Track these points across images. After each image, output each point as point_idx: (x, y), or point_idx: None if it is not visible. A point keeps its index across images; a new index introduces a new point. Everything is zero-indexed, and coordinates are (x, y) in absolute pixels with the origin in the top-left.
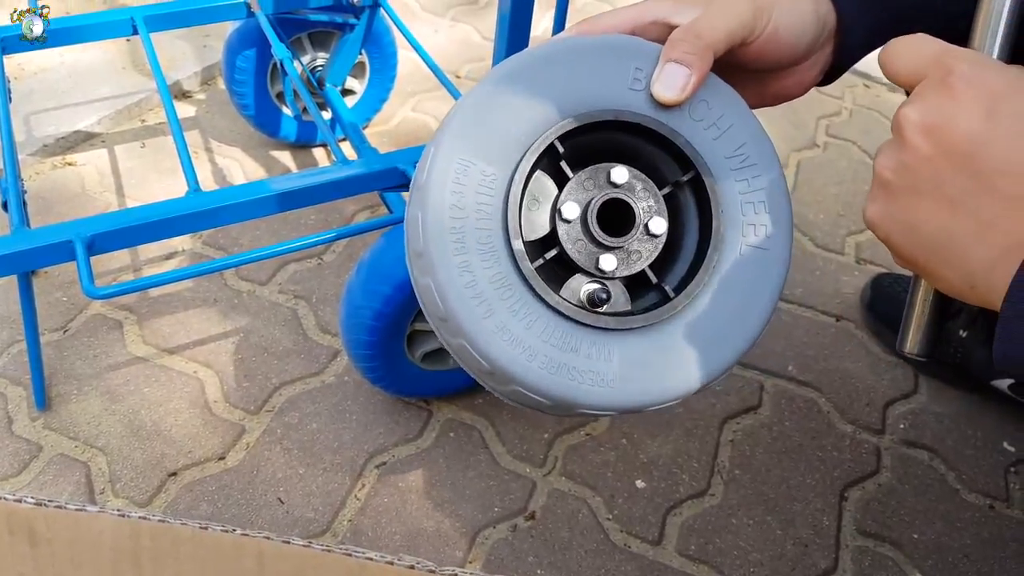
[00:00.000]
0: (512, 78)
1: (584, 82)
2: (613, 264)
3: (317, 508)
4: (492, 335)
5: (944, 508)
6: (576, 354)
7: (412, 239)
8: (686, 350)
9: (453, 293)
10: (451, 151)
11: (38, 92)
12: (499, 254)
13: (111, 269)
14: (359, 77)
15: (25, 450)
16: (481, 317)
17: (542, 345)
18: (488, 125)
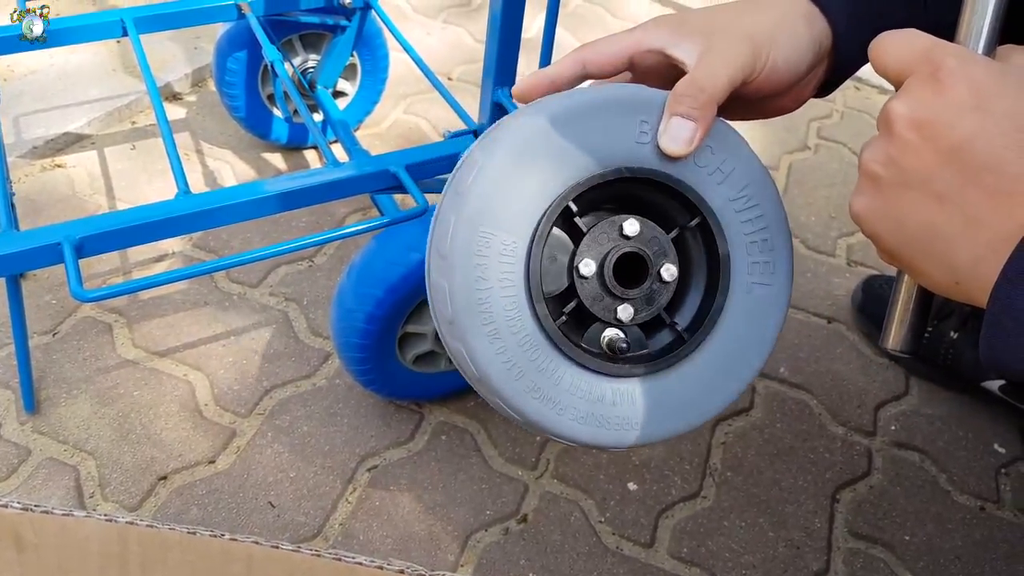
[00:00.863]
0: (525, 145)
1: (593, 141)
2: (630, 313)
3: (308, 512)
4: (524, 395)
5: (935, 510)
6: (602, 403)
7: (440, 306)
8: (701, 385)
9: (485, 359)
10: (473, 223)
11: (27, 94)
12: (524, 318)
13: (100, 272)
14: (350, 79)
15: (14, 454)
16: (513, 379)
17: (570, 399)
18: (506, 194)
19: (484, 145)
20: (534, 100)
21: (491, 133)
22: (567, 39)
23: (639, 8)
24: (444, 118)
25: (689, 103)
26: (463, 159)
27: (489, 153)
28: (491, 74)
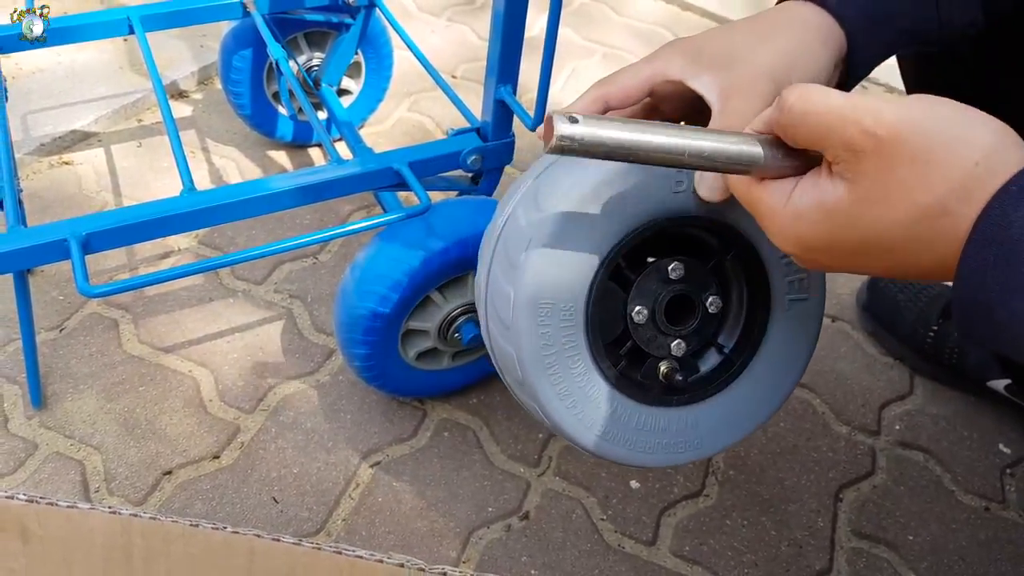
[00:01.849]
0: (572, 214)
1: (634, 199)
2: (683, 348)
3: (311, 507)
4: (600, 441)
5: (939, 509)
6: (667, 432)
7: (509, 369)
8: (751, 400)
9: (558, 415)
10: (533, 297)
11: (35, 92)
12: (590, 373)
13: (107, 268)
14: (355, 77)
15: (21, 448)
16: (587, 429)
17: (638, 435)
18: (560, 264)
19: (530, 213)
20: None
21: (536, 196)
22: (572, 37)
23: (642, 7)
24: (448, 116)
25: None
26: (506, 218)
27: (538, 225)
28: (494, 72)
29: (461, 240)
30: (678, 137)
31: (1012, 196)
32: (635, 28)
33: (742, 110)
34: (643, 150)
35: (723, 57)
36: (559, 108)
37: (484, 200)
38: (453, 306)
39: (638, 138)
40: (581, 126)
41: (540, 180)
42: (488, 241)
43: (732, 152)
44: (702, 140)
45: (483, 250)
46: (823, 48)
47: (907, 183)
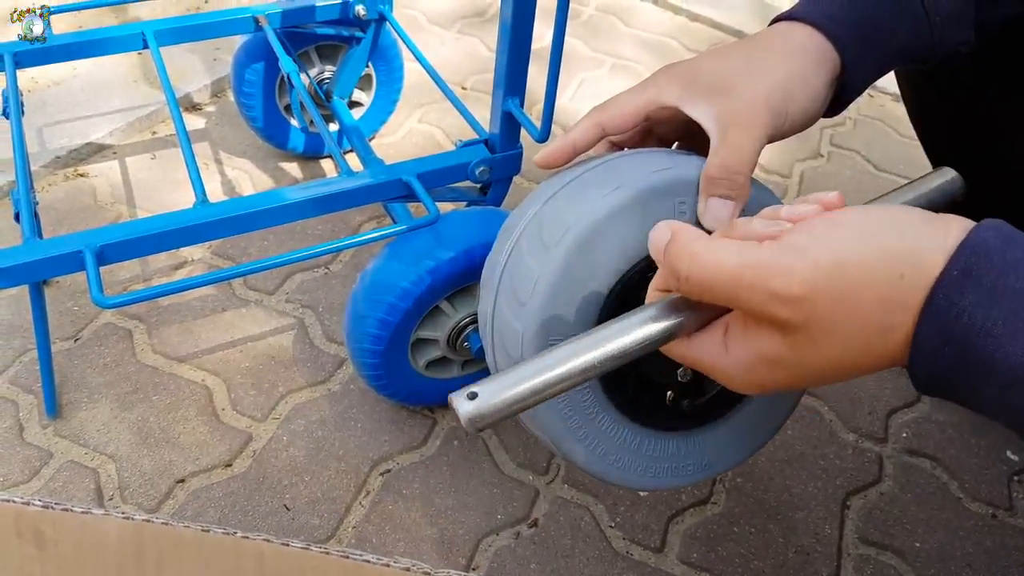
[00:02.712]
0: (577, 251)
1: (637, 232)
2: (688, 374)
3: (322, 515)
4: (611, 469)
5: (947, 517)
6: (676, 456)
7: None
8: (758, 418)
9: (570, 447)
10: (541, 334)
11: (51, 104)
12: (600, 403)
13: (121, 279)
14: (366, 89)
15: (36, 457)
16: (598, 459)
17: (649, 461)
18: (567, 300)
19: (535, 249)
20: (559, 167)
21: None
22: (581, 48)
23: (651, 18)
24: (458, 127)
25: (726, 186)
26: (509, 251)
27: (544, 263)
28: (502, 84)
29: (470, 250)
30: (585, 355)
31: (954, 283)
32: (643, 39)
33: (741, 142)
34: (550, 389)
35: (719, 84)
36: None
37: (492, 211)
38: (462, 316)
39: (545, 379)
40: (480, 401)
41: (543, 213)
42: (492, 272)
43: (643, 337)
44: (609, 344)
45: (486, 280)
46: (817, 72)
47: (840, 321)
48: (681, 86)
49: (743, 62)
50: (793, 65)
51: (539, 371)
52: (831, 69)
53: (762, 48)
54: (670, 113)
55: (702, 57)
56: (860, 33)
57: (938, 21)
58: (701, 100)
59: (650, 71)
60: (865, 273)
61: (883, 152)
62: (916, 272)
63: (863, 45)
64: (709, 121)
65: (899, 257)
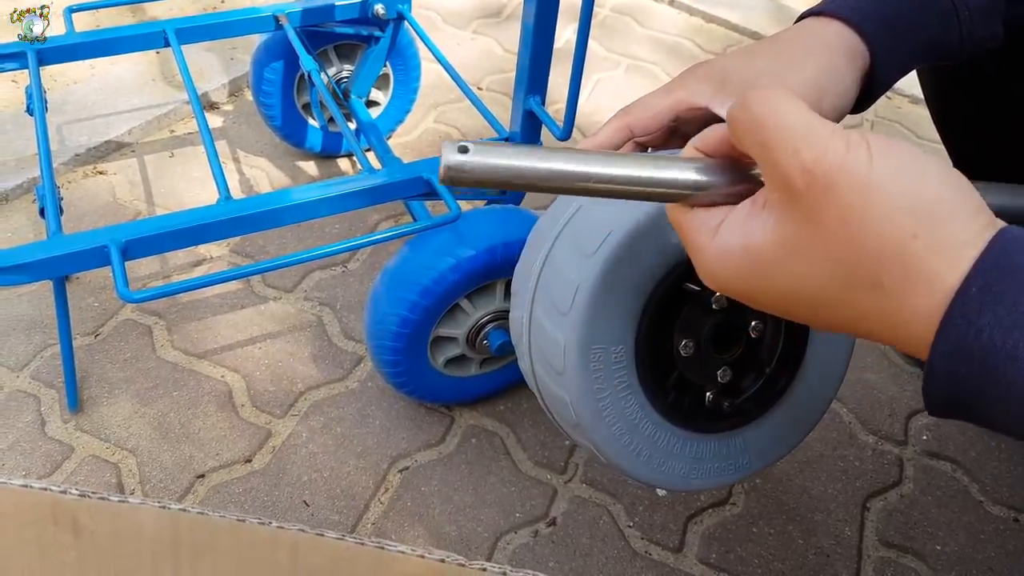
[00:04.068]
0: (616, 260)
1: (673, 235)
2: (729, 375)
3: (342, 511)
4: (655, 473)
5: (967, 520)
6: (718, 457)
7: (564, 414)
8: (794, 418)
9: (616, 453)
10: (584, 343)
11: (71, 103)
12: (643, 408)
13: (141, 276)
14: (383, 89)
15: (58, 451)
16: (642, 464)
17: (692, 463)
18: (608, 308)
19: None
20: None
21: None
22: (597, 49)
23: (666, 18)
24: (475, 127)
25: None
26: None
27: (583, 271)
28: (523, 83)
29: (490, 248)
30: (581, 164)
31: (973, 300)
32: (659, 40)
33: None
34: (540, 178)
35: (749, 83)
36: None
37: (512, 209)
38: (481, 314)
39: (533, 165)
40: (470, 155)
41: (576, 221)
42: (525, 280)
43: (651, 177)
44: (617, 166)
45: (519, 288)
46: (848, 68)
47: (831, 241)
48: (711, 86)
49: (774, 60)
50: (825, 62)
51: (540, 158)
52: (861, 65)
53: (792, 45)
54: (699, 113)
55: (730, 56)
56: (889, 28)
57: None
58: (732, 100)
59: (665, 72)
60: (882, 211)
61: None
62: (930, 243)
63: (892, 40)
64: None
65: (924, 214)
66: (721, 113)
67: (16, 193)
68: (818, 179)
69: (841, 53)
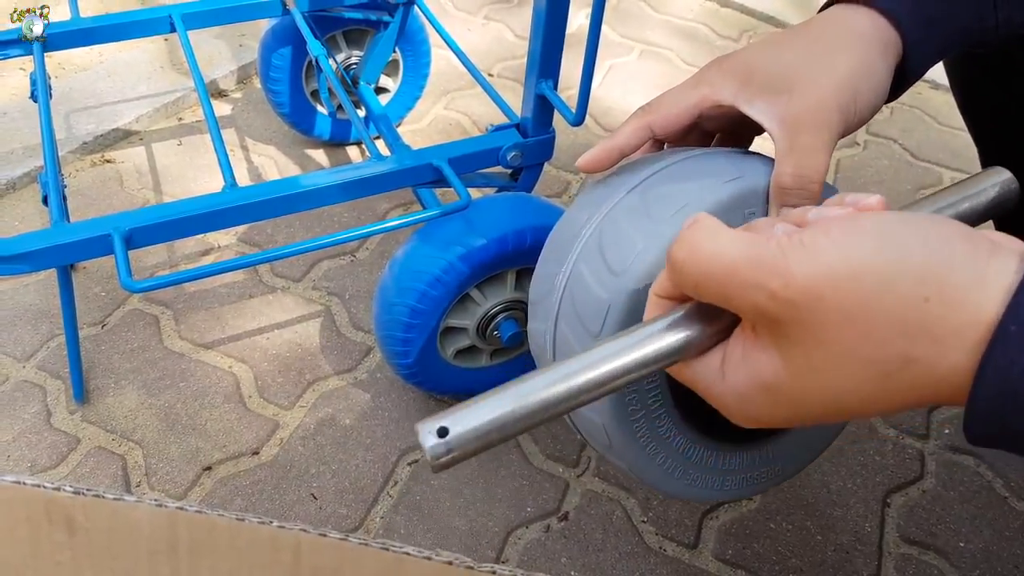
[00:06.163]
0: (647, 277)
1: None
2: None
3: (350, 504)
4: (689, 488)
5: (992, 516)
6: (751, 468)
7: (597, 437)
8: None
9: (650, 473)
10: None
11: (77, 90)
12: (676, 426)
13: (148, 265)
14: (393, 75)
15: (63, 442)
16: (676, 480)
17: (727, 476)
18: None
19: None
20: (602, 171)
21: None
22: (610, 34)
23: (680, 3)
24: (485, 114)
25: (799, 195)
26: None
27: (615, 291)
28: (535, 67)
29: (501, 237)
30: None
31: (1013, 339)
32: (673, 25)
33: (814, 147)
34: (534, 415)
35: (778, 80)
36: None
37: (524, 197)
38: (492, 304)
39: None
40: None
41: (603, 230)
42: (547, 292)
43: (640, 359)
44: (597, 368)
45: (540, 299)
46: (883, 62)
47: (847, 344)
48: (737, 83)
49: (804, 56)
50: (859, 57)
51: (520, 395)
52: (895, 56)
53: (823, 39)
54: (722, 111)
55: (755, 50)
56: (923, 16)
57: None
58: (759, 99)
59: (680, 57)
60: (882, 290)
61: (922, 141)
62: (944, 299)
63: (926, 28)
64: (772, 123)
65: (925, 277)
66: (747, 112)
67: (23, 182)
68: (799, 302)
69: (875, 45)
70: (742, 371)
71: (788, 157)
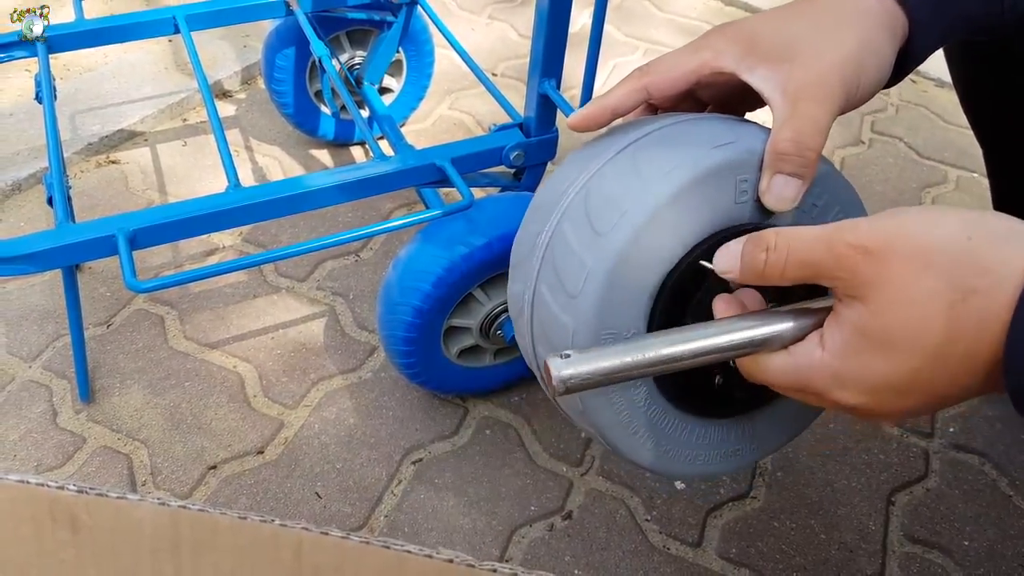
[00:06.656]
0: (634, 242)
1: (693, 214)
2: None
3: (354, 503)
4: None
5: (996, 515)
6: (726, 442)
7: (568, 402)
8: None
9: (620, 441)
10: (593, 328)
11: (83, 92)
12: (651, 395)
13: (153, 265)
14: (396, 75)
15: (69, 442)
16: (647, 451)
17: (701, 450)
18: (620, 294)
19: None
20: (595, 131)
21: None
22: (614, 33)
23: (685, 2)
24: (489, 113)
25: (796, 163)
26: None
27: (596, 252)
28: (538, 67)
29: (504, 236)
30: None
31: None
32: (678, 24)
33: (814, 114)
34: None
35: (782, 49)
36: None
37: (527, 196)
38: (495, 303)
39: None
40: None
41: (589, 190)
42: (528, 252)
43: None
44: (711, 339)
45: (521, 260)
46: (889, 40)
47: (912, 276)
48: (740, 50)
49: (810, 27)
50: (865, 34)
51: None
52: (900, 37)
53: (829, 12)
54: (721, 78)
55: (760, 19)
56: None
57: None
58: (761, 66)
59: None
60: (928, 231)
61: (926, 139)
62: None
63: (932, 11)
64: (773, 91)
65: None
66: (747, 79)
67: (29, 183)
68: (869, 245)
69: (882, 24)
70: (838, 332)
71: (788, 123)
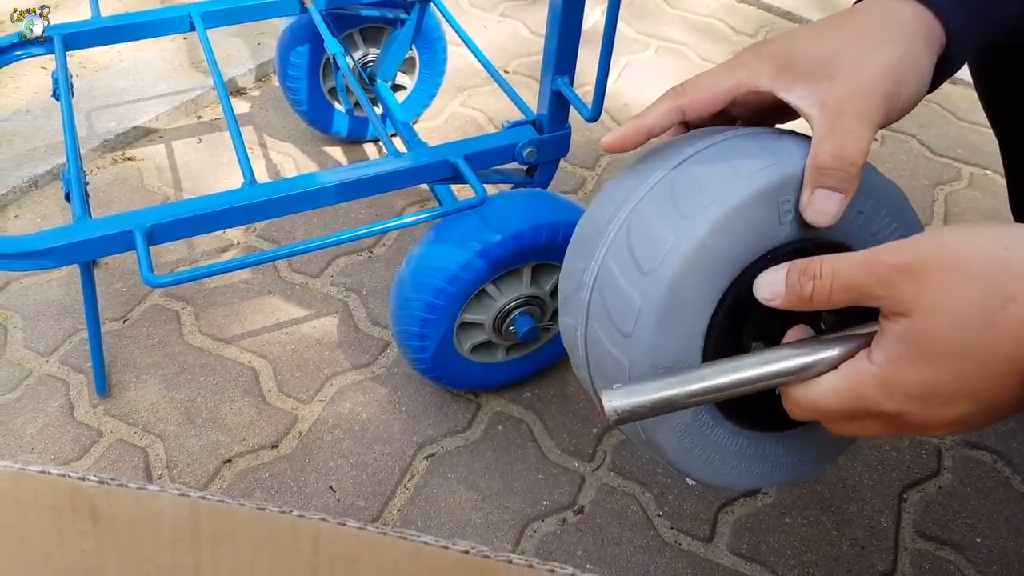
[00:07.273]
0: (681, 277)
1: (737, 242)
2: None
3: (368, 497)
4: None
5: (1009, 512)
6: (789, 453)
7: (631, 432)
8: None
9: (687, 463)
10: (653, 364)
11: (98, 89)
12: (714, 418)
13: (168, 261)
14: (409, 73)
15: (86, 435)
16: (714, 471)
17: (767, 463)
18: (672, 330)
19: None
20: (629, 151)
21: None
22: (626, 30)
23: None
24: (501, 111)
25: (838, 177)
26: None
27: (646, 290)
28: (551, 63)
29: (517, 233)
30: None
31: None
32: (690, 21)
33: (856, 128)
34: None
35: (820, 67)
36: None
37: (540, 193)
38: (508, 299)
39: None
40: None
41: (631, 227)
42: (575, 288)
43: (793, 366)
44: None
45: (569, 296)
46: (927, 53)
47: (951, 287)
48: (775, 69)
49: (849, 43)
50: (905, 46)
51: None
52: (938, 47)
53: (868, 27)
54: (756, 97)
55: (796, 37)
56: (963, 5)
57: None
58: (799, 84)
59: (696, 53)
60: (966, 244)
61: (940, 136)
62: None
63: (967, 17)
64: (812, 107)
65: (999, 234)
66: (785, 97)
67: (46, 179)
68: (910, 262)
69: (920, 37)
70: (884, 346)
71: (829, 137)
